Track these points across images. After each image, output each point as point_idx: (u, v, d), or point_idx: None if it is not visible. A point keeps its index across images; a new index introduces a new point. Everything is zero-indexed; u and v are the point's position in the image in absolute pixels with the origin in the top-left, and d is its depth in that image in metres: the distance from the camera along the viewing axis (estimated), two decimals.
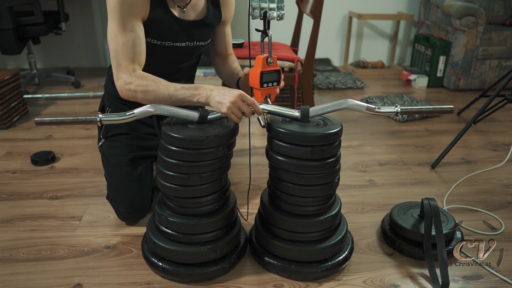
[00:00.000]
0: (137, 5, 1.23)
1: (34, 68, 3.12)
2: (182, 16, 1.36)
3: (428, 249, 1.28)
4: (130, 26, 1.22)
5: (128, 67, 1.22)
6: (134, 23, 1.23)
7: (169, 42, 1.37)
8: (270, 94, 1.22)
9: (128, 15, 1.21)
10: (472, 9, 2.92)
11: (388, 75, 3.63)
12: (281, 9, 1.11)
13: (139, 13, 1.25)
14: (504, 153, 2.07)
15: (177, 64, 1.48)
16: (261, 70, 1.15)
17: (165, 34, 1.35)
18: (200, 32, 1.42)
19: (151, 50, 1.35)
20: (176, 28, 1.35)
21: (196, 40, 1.42)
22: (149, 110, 1.13)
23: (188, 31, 1.38)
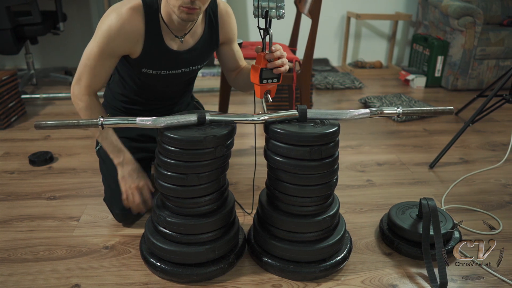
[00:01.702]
0: (122, 49, 1.26)
1: (32, 68, 3.11)
2: (179, 47, 1.33)
3: (426, 249, 1.28)
4: (105, 61, 1.27)
5: (87, 87, 1.31)
6: (110, 60, 1.28)
7: (164, 71, 1.36)
8: (270, 90, 1.23)
9: (109, 52, 1.25)
10: (470, 9, 2.92)
11: (386, 75, 3.63)
12: (281, 8, 1.12)
13: (122, 54, 1.28)
14: (502, 153, 2.07)
15: (172, 87, 1.48)
16: (261, 67, 1.17)
17: (161, 65, 1.34)
18: (196, 57, 1.40)
19: (147, 78, 1.37)
20: (172, 59, 1.34)
21: (192, 65, 1.41)
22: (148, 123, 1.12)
23: (184, 59, 1.37)
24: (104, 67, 1.29)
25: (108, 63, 1.29)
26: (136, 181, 1.39)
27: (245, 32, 3.61)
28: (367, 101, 2.81)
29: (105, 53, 1.25)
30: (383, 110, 1.21)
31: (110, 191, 1.46)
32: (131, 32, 1.23)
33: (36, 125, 1.09)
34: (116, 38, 1.22)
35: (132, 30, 1.23)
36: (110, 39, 1.22)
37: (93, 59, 1.26)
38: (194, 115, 1.14)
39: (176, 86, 1.50)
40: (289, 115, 1.18)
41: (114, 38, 1.22)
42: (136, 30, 1.24)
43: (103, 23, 1.23)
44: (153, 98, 1.50)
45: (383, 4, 3.73)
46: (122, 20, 1.21)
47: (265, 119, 1.17)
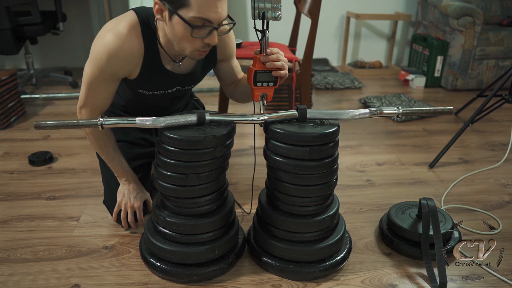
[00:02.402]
0: (122, 71, 1.20)
1: (32, 68, 3.11)
2: (177, 69, 1.29)
3: (426, 248, 1.28)
4: (105, 85, 1.22)
5: (92, 112, 1.27)
6: (112, 82, 1.22)
7: (160, 91, 1.32)
8: (266, 94, 1.22)
9: (109, 75, 1.19)
10: (470, 9, 2.92)
11: (386, 75, 3.63)
12: (277, 10, 1.11)
13: (122, 76, 1.22)
14: (502, 153, 2.07)
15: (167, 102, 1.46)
16: (255, 69, 1.16)
17: (158, 86, 1.30)
18: (192, 78, 1.36)
19: (143, 96, 1.34)
20: (169, 81, 1.30)
21: (188, 85, 1.38)
22: (148, 123, 1.12)
23: (181, 81, 1.33)
24: (108, 90, 1.24)
25: (111, 86, 1.23)
26: (133, 200, 1.40)
27: (244, 32, 3.61)
28: (366, 101, 2.81)
29: (106, 76, 1.19)
30: (382, 110, 1.21)
31: (110, 193, 1.46)
32: (130, 53, 1.16)
33: (36, 125, 1.09)
34: (116, 60, 1.15)
35: (132, 51, 1.16)
36: (110, 62, 1.15)
37: (95, 83, 1.20)
38: (194, 115, 1.14)
39: (172, 100, 1.47)
40: (289, 115, 1.18)
41: (114, 60, 1.15)
42: (135, 51, 1.17)
43: (99, 44, 1.15)
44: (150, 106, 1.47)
45: (382, 4, 3.73)
46: (121, 40, 1.13)
47: (264, 119, 1.17)
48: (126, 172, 1.40)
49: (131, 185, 1.41)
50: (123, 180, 1.41)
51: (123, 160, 1.40)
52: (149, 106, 1.45)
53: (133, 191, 1.40)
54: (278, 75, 1.19)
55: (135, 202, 1.40)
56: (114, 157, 1.37)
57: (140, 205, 1.41)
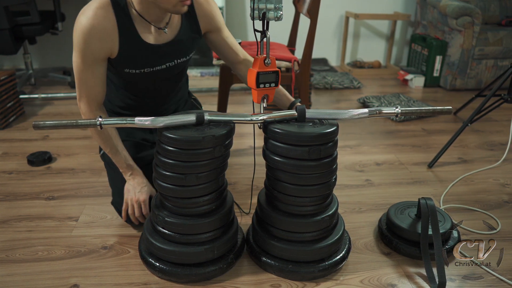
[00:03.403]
0: (100, 51, 1.21)
1: (31, 68, 3.11)
2: (157, 40, 1.29)
3: (425, 248, 1.28)
4: (91, 69, 1.24)
5: (89, 103, 1.29)
6: (96, 66, 1.24)
7: (148, 69, 1.32)
8: (268, 95, 1.21)
9: (90, 58, 1.21)
10: (468, 9, 2.93)
11: (385, 75, 3.63)
12: (279, 10, 1.11)
13: (103, 57, 1.24)
14: (500, 153, 2.08)
15: (161, 84, 1.44)
16: (257, 71, 1.15)
17: (141, 62, 1.30)
18: (177, 50, 1.35)
19: (133, 78, 1.34)
20: (152, 54, 1.30)
21: (176, 59, 1.36)
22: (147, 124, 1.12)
23: (165, 53, 1.32)
24: (96, 75, 1.25)
25: (97, 70, 1.25)
26: (137, 194, 1.38)
27: (244, 32, 3.61)
28: (365, 101, 2.81)
29: (89, 60, 1.21)
30: (381, 110, 1.21)
31: (118, 193, 1.45)
32: (103, 30, 1.18)
33: (35, 125, 1.09)
34: (90, 41, 1.17)
35: (104, 27, 1.18)
36: (85, 43, 1.17)
37: (82, 71, 1.23)
38: (193, 115, 1.14)
39: (165, 83, 1.45)
40: (288, 115, 1.18)
41: (89, 41, 1.17)
42: (108, 27, 1.19)
43: (74, 31, 1.18)
44: (146, 98, 1.47)
45: (381, 4, 3.73)
46: (91, 20, 1.16)
47: (263, 119, 1.17)
48: (130, 166, 1.39)
49: (136, 179, 1.40)
50: (128, 174, 1.40)
51: (127, 154, 1.39)
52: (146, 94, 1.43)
53: (138, 185, 1.39)
54: None
55: (140, 196, 1.38)
56: (117, 151, 1.36)
57: (145, 198, 1.39)
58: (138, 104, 1.47)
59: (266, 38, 1.13)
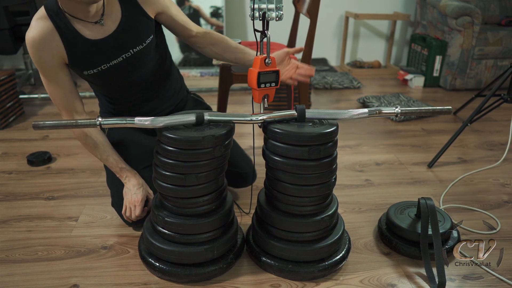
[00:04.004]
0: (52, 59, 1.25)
1: (30, 68, 3.11)
2: (100, 34, 1.26)
3: (425, 248, 1.28)
4: (55, 80, 1.28)
5: (69, 114, 1.35)
6: (57, 76, 1.28)
7: (104, 65, 1.29)
8: (268, 94, 1.21)
9: (47, 69, 1.26)
10: (468, 9, 2.93)
11: (384, 75, 3.63)
12: (279, 10, 1.11)
13: (58, 63, 1.27)
14: (500, 153, 2.08)
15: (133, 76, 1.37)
16: (258, 71, 1.15)
17: (95, 60, 1.28)
18: (127, 39, 1.29)
19: (97, 78, 1.33)
20: (101, 50, 1.27)
21: (131, 48, 1.30)
22: (147, 123, 1.12)
23: (114, 46, 1.28)
24: (63, 85, 1.30)
25: (61, 79, 1.29)
26: (133, 196, 1.39)
27: (243, 32, 3.61)
28: (365, 100, 2.81)
29: (48, 72, 1.26)
30: (381, 110, 1.21)
31: (118, 195, 1.44)
32: (45, 39, 1.22)
33: (34, 125, 1.09)
34: (39, 52, 1.22)
35: (45, 36, 1.22)
36: (37, 56, 1.23)
37: (48, 85, 1.29)
38: (193, 115, 1.14)
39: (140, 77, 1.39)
40: (288, 115, 1.18)
41: (38, 52, 1.22)
42: (48, 35, 1.22)
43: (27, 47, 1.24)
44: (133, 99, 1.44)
45: (381, 4, 3.73)
46: (32, 33, 1.21)
47: (263, 119, 1.17)
48: (124, 169, 1.41)
49: (131, 181, 1.40)
50: (124, 178, 1.41)
51: (117, 157, 1.41)
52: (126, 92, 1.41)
53: (133, 187, 1.40)
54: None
55: (136, 197, 1.39)
56: (108, 157, 1.40)
57: (140, 199, 1.38)
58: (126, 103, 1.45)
59: (267, 38, 1.13)
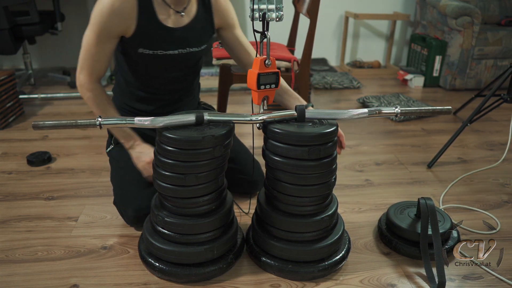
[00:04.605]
0: (117, 28, 1.27)
1: (30, 68, 3.10)
2: (174, 23, 1.33)
3: (424, 248, 1.28)
4: (103, 44, 1.29)
5: (91, 74, 1.34)
6: (107, 42, 1.29)
7: (161, 51, 1.35)
8: (268, 96, 1.20)
9: (105, 34, 1.27)
10: (468, 9, 2.93)
11: (384, 75, 3.63)
12: (280, 10, 1.10)
13: (118, 34, 1.29)
14: (500, 153, 2.08)
15: (172, 73, 1.44)
16: (258, 72, 1.14)
17: (156, 43, 1.33)
18: (190, 37, 1.38)
19: (145, 60, 1.36)
20: (167, 37, 1.34)
21: (188, 47, 1.39)
22: (146, 123, 1.13)
23: (178, 38, 1.36)
24: (104, 51, 1.30)
25: (107, 47, 1.30)
26: (148, 155, 1.38)
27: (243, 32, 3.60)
28: (365, 100, 2.81)
29: (102, 35, 1.26)
30: (381, 110, 1.21)
31: (122, 193, 1.44)
32: (123, 8, 1.24)
33: (34, 125, 1.09)
34: (109, 18, 1.23)
35: (124, 6, 1.24)
36: (104, 19, 1.23)
37: (92, 44, 1.28)
38: (192, 115, 1.14)
39: (176, 72, 1.46)
40: (288, 115, 1.18)
41: (107, 17, 1.23)
42: (128, 7, 1.24)
43: (96, 7, 1.24)
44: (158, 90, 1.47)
45: (381, 4, 3.73)
46: (118, 1, 1.22)
47: (263, 119, 1.17)
48: (131, 136, 1.41)
49: (141, 145, 1.41)
50: (131, 144, 1.41)
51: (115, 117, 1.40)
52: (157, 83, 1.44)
53: (146, 149, 1.40)
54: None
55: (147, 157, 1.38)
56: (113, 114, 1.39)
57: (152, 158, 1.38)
58: (149, 96, 1.47)
59: (267, 39, 1.12)
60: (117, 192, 1.47)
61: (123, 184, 1.44)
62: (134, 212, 1.40)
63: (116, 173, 1.49)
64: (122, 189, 1.44)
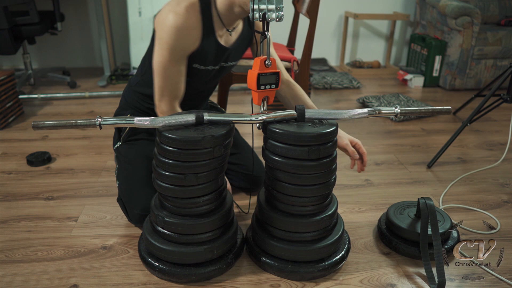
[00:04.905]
0: (188, 47, 1.27)
1: (30, 68, 3.10)
2: (225, 42, 1.37)
3: (424, 248, 1.28)
4: (178, 64, 1.28)
5: (171, 101, 1.32)
6: (182, 61, 1.29)
7: (211, 67, 1.38)
8: (268, 96, 1.20)
9: (179, 54, 1.27)
10: (468, 9, 2.93)
11: (384, 75, 3.63)
12: (280, 10, 1.10)
13: (189, 53, 1.29)
14: (500, 152, 2.08)
15: (207, 85, 1.50)
16: (258, 72, 1.14)
17: (210, 60, 1.36)
18: (235, 53, 1.44)
19: (191, 73, 1.38)
20: (219, 54, 1.37)
21: (230, 61, 1.45)
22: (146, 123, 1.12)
23: (223, 54, 1.39)
24: (181, 72, 1.30)
25: (182, 66, 1.30)
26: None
27: None
28: (365, 100, 2.81)
29: (178, 57, 1.26)
30: (381, 110, 1.21)
31: (128, 190, 1.43)
32: (192, 28, 1.25)
33: (34, 125, 1.09)
34: (183, 36, 1.23)
35: (193, 26, 1.25)
36: (177, 40, 1.23)
37: (168, 68, 1.27)
38: (192, 115, 1.14)
39: (211, 84, 1.51)
40: (287, 115, 1.18)
41: (181, 37, 1.23)
42: (196, 26, 1.26)
43: (164, 27, 1.22)
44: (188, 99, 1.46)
45: (381, 4, 3.73)
46: (182, 18, 1.22)
47: (263, 119, 1.17)
48: None
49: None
50: None
51: None
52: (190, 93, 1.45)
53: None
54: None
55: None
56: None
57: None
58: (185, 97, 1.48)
59: (267, 39, 1.13)
60: (123, 189, 1.46)
61: (130, 182, 1.43)
62: (141, 211, 1.39)
63: (123, 170, 1.48)
64: (128, 186, 1.44)
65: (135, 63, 3.34)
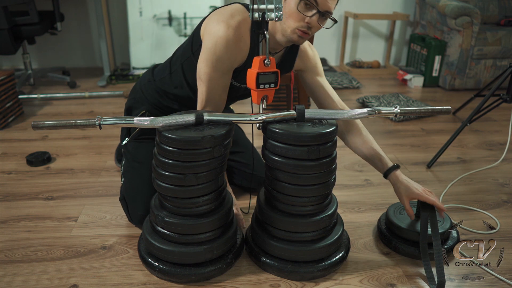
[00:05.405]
0: (235, 62, 1.26)
1: (30, 68, 3.10)
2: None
3: (424, 248, 1.28)
4: (224, 76, 1.27)
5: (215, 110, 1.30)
6: (228, 74, 1.28)
7: (244, 85, 1.35)
8: (267, 95, 1.21)
9: (227, 66, 1.25)
10: (467, 9, 2.93)
11: (384, 74, 3.63)
12: (279, 10, 1.10)
13: (235, 67, 1.28)
14: (499, 152, 2.08)
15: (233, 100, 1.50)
16: (257, 71, 1.14)
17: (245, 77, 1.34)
18: None
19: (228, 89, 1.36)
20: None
21: None
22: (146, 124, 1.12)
23: None
24: (225, 84, 1.29)
25: (227, 79, 1.28)
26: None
27: None
28: (364, 100, 2.81)
29: (225, 68, 1.25)
30: (380, 109, 1.21)
31: (134, 191, 1.43)
32: (242, 43, 1.23)
33: (34, 125, 1.09)
34: (232, 48, 1.21)
35: (244, 42, 1.24)
36: (227, 52, 1.21)
37: (214, 79, 1.25)
38: (192, 115, 1.14)
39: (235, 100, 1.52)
40: (287, 115, 1.18)
41: (231, 47, 1.21)
42: (245, 42, 1.24)
43: (214, 37, 1.21)
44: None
45: (380, 4, 3.73)
46: (236, 31, 1.20)
47: (263, 119, 1.17)
48: None
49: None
50: None
51: None
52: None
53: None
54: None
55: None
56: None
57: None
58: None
59: (266, 39, 1.13)
60: (128, 188, 1.45)
61: (137, 182, 1.43)
62: (143, 212, 1.39)
63: (130, 169, 1.48)
64: (134, 186, 1.43)
65: (135, 63, 3.34)
